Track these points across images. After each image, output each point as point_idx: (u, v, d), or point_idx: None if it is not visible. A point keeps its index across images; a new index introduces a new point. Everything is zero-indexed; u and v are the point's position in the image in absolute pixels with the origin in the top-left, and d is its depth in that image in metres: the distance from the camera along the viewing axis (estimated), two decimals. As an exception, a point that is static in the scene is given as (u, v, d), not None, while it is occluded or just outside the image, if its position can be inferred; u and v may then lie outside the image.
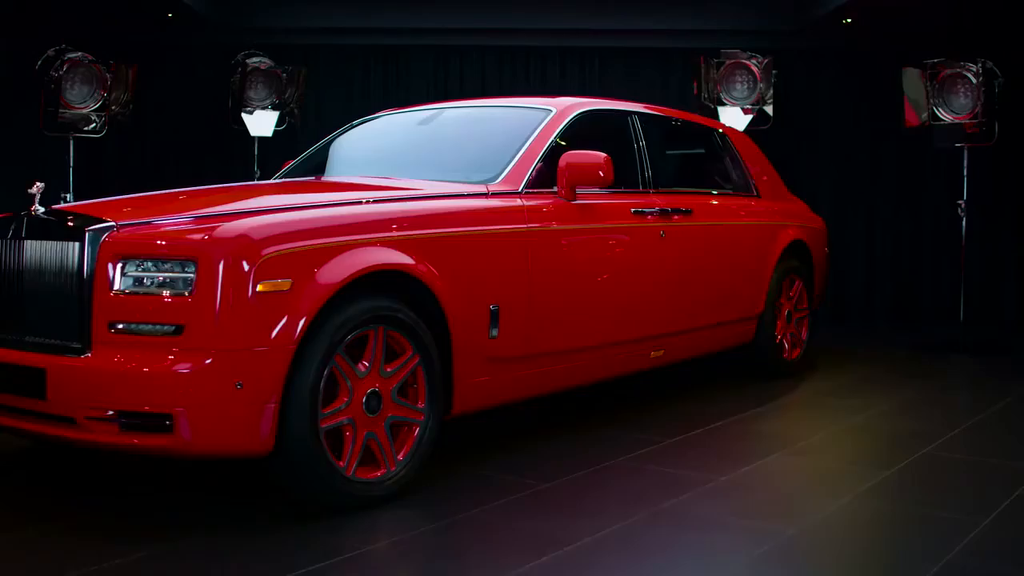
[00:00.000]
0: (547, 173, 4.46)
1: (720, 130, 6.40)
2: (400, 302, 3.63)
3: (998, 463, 4.31)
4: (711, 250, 5.58)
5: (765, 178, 6.48)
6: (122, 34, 9.19)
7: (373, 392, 3.55)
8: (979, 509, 3.60)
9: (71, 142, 7.72)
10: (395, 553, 3.20)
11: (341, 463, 3.44)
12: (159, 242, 3.30)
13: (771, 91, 8.50)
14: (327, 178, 4.83)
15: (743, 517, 3.52)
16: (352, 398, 3.48)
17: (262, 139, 8.75)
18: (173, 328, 3.19)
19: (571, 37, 9.49)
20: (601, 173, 4.38)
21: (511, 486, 3.80)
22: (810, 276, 6.63)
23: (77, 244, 3.37)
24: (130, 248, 3.31)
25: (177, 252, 3.25)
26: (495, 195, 4.23)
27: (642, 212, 4.98)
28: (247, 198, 4.03)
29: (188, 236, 3.29)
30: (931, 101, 7.68)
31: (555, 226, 4.41)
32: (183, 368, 3.15)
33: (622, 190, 4.93)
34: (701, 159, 6.16)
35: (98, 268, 3.31)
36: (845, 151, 9.47)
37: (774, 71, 8.53)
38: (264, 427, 3.24)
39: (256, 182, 4.93)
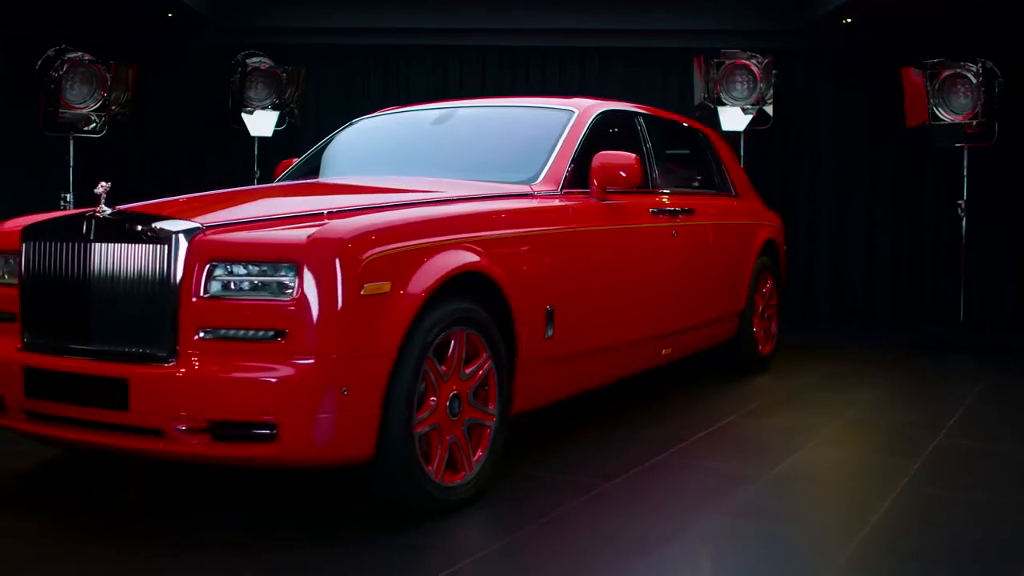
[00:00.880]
0: (577, 173, 4.50)
1: (702, 131, 6.48)
2: (476, 303, 3.61)
3: (1010, 447, 4.63)
4: (710, 249, 5.72)
5: (739, 178, 6.61)
6: (122, 34, 9.19)
7: (455, 395, 3.49)
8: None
9: (71, 142, 7.73)
10: (508, 557, 3.14)
11: (430, 468, 3.38)
12: (255, 245, 3.16)
13: (771, 91, 8.50)
14: (358, 177, 4.60)
15: (817, 512, 3.68)
16: (438, 402, 3.43)
17: (262, 139, 8.75)
18: (274, 334, 3.04)
19: (571, 37, 9.49)
20: (633, 174, 4.44)
21: (575, 486, 3.83)
22: (778, 273, 6.82)
23: (162, 247, 3.19)
24: (222, 251, 3.15)
25: (277, 255, 3.10)
26: (539, 195, 4.24)
27: (658, 212, 5.08)
28: (317, 197, 3.94)
29: (287, 238, 3.15)
30: (931, 100, 7.68)
31: (596, 226, 4.49)
32: (289, 375, 3.02)
33: (635, 190, 4.98)
34: (689, 159, 6.24)
35: (185, 272, 3.15)
36: (845, 151, 9.46)
37: (774, 71, 8.53)
38: (368, 434, 3.15)
39: (304, 182, 4.66)
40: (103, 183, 3.47)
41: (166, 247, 3.19)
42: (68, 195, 7.65)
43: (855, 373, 6.69)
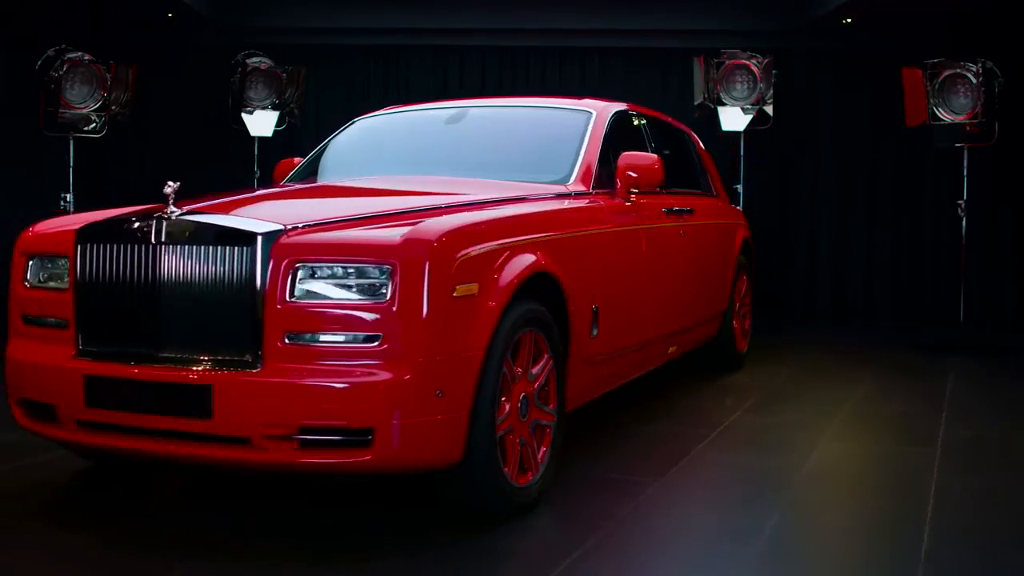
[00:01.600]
0: (602, 174, 4.51)
1: (685, 131, 6.52)
2: (542, 304, 3.60)
3: (1011, 432, 4.98)
4: (706, 248, 5.82)
5: (716, 177, 6.69)
6: (122, 34, 9.19)
7: (524, 396, 3.47)
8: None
9: (71, 142, 7.72)
10: (596, 557, 3.13)
11: (507, 469, 3.36)
12: (345, 245, 3.08)
13: (771, 91, 8.50)
14: (395, 177, 4.41)
15: (874, 499, 3.86)
16: (511, 403, 3.42)
17: (262, 139, 8.75)
18: (368, 337, 2.97)
19: (571, 37, 9.49)
20: (656, 174, 4.47)
21: (630, 484, 3.88)
22: (751, 271, 6.97)
23: (244, 249, 3.08)
24: (308, 252, 3.06)
25: (369, 256, 3.03)
26: (576, 196, 4.24)
27: (669, 212, 5.15)
28: (376, 198, 3.87)
29: (380, 239, 3.07)
30: (931, 100, 7.68)
31: (627, 227, 4.56)
32: (386, 379, 2.95)
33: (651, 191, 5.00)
34: (677, 160, 6.28)
35: (270, 275, 3.05)
36: (845, 151, 9.46)
37: (774, 71, 8.53)
38: (458, 437, 3.11)
39: (350, 183, 4.45)
40: (171, 183, 3.31)
41: (249, 249, 3.08)
42: (68, 195, 7.64)
43: (813, 368, 6.91)
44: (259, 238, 3.08)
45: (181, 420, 3.08)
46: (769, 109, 8.51)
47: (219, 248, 3.12)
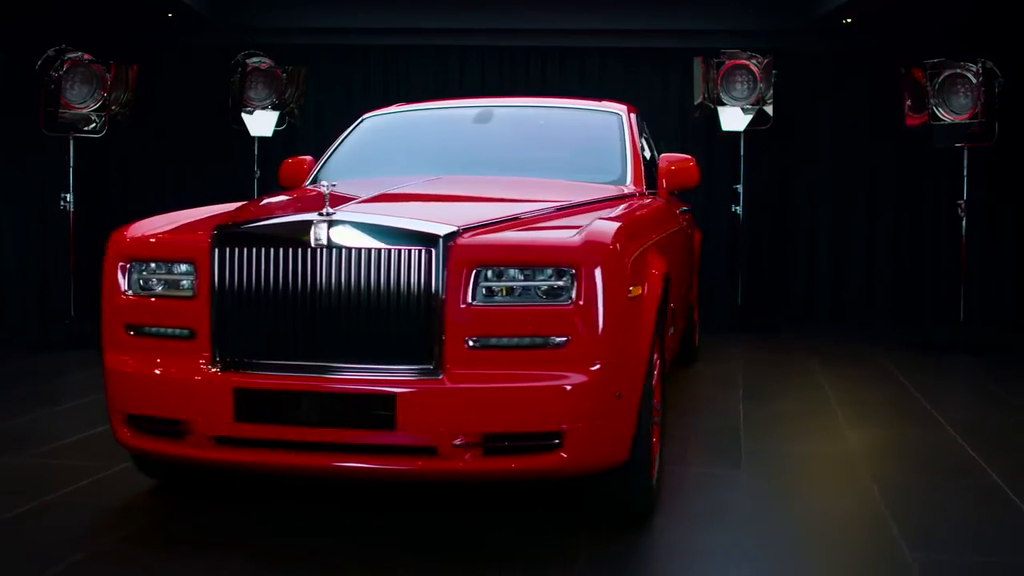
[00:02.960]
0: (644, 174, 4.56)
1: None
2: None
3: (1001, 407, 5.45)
4: (691, 244, 5.99)
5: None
6: (122, 34, 9.19)
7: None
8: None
9: (71, 142, 7.72)
10: (752, 547, 3.29)
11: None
12: (527, 247, 3.02)
13: (771, 91, 8.49)
14: (449, 177, 4.21)
15: (955, 485, 4.05)
16: (656, 400, 3.45)
17: (262, 139, 8.75)
18: (553, 340, 2.94)
19: (571, 37, 9.49)
20: (694, 175, 4.53)
21: (717, 478, 4.04)
22: (697, 266, 7.05)
23: (423, 252, 2.96)
24: (489, 255, 2.98)
25: (552, 258, 2.98)
26: (640, 196, 4.24)
27: (680, 211, 5.30)
28: (504, 200, 3.77)
29: (560, 241, 3.04)
30: (931, 100, 7.67)
31: (677, 227, 4.75)
32: (575, 381, 2.91)
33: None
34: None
35: (451, 278, 2.95)
36: (845, 151, 9.46)
37: (774, 71, 8.53)
38: (627, 437, 3.11)
39: (424, 182, 4.11)
40: (325, 182, 3.14)
41: (428, 252, 2.96)
42: (68, 195, 7.63)
43: (761, 360, 7.12)
44: (440, 240, 2.96)
45: (360, 432, 2.95)
46: (769, 109, 8.51)
47: (392, 250, 2.98)
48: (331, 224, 3.02)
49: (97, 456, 4.23)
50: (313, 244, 3.02)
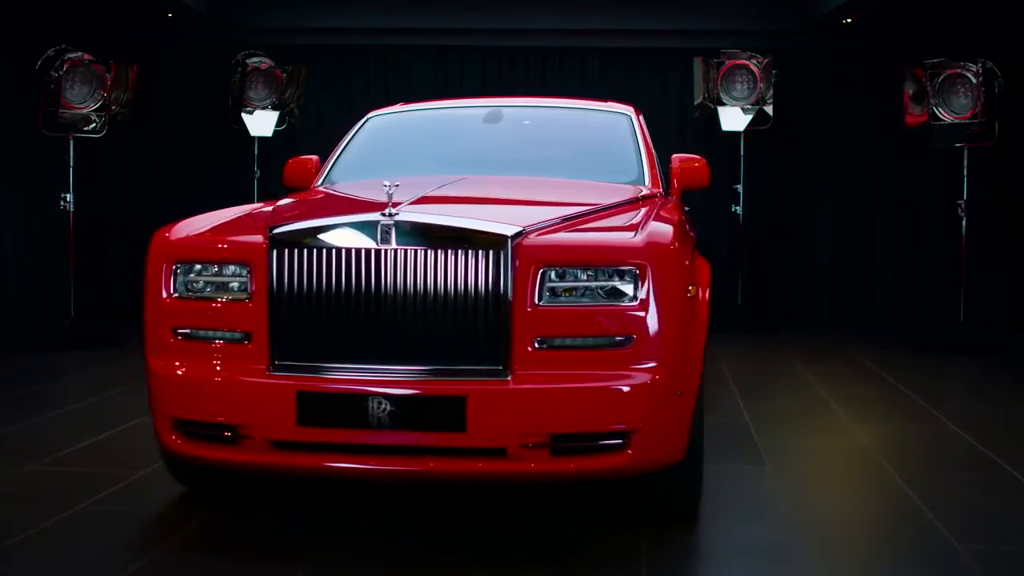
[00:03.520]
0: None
1: None
2: None
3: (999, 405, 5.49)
4: None
5: None
6: (122, 34, 9.19)
7: None
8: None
9: (71, 142, 7.72)
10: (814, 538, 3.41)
11: None
12: (592, 248, 3.03)
13: (771, 91, 8.50)
14: (473, 177, 4.13)
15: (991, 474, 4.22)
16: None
17: (262, 139, 8.75)
18: (619, 340, 2.95)
19: (571, 37, 9.49)
20: (706, 175, 4.50)
21: (744, 473, 4.12)
22: None
23: (490, 252, 2.94)
24: (555, 255, 2.98)
25: (617, 258, 2.98)
26: (660, 196, 4.22)
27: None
28: (544, 201, 3.74)
29: (624, 241, 3.05)
30: (931, 100, 7.67)
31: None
32: (643, 381, 2.93)
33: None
34: None
35: (518, 278, 2.95)
36: (845, 151, 9.46)
37: (774, 71, 8.53)
38: (685, 435, 3.13)
39: (449, 182, 3.93)
40: (387, 181, 3.11)
41: (496, 252, 2.95)
42: (68, 195, 7.63)
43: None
44: (508, 241, 2.95)
45: (430, 435, 2.92)
46: (769, 109, 8.51)
47: (459, 252, 2.96)
48: (396, 225, 2.98)
49: (113, 462, 4.19)
50: (378, 245, 2.99)
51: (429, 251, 2.97)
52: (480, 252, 2.95)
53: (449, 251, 2.96)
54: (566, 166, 4.41)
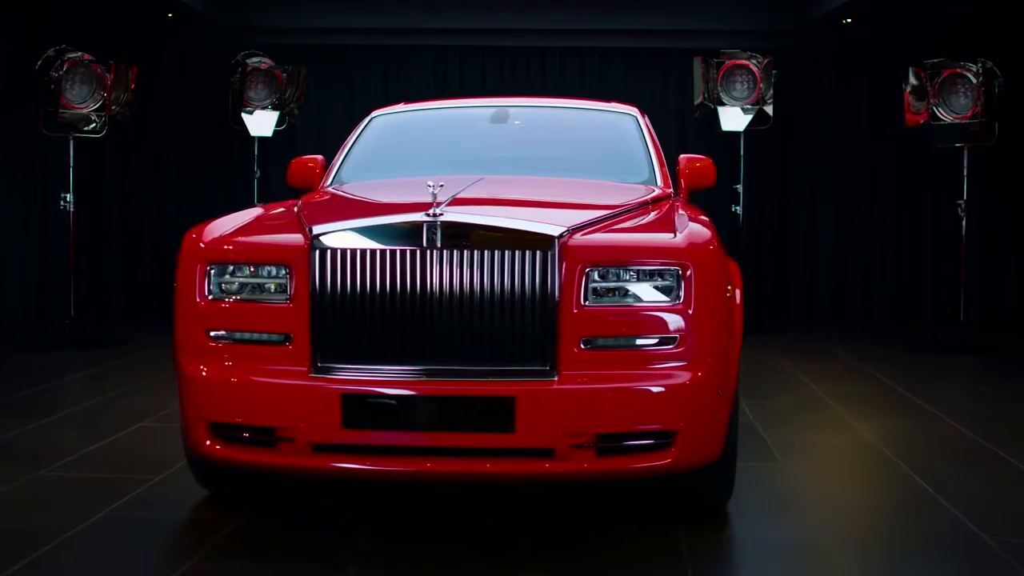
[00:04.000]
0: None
1: None
2: None
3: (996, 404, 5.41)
4: None
5: None
6: (122, 34, 9.19)
7: None
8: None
9: (71, 142, 7.71)
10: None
11: None
12: (634, 248, 3.05)
13: (771, 91, 8.49)
14: (489, 177, 4.01)
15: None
16: None
17: (262, 139, 8.75)
18: (664, 339, 2.97)
19: (571, 37, 9.49)
20: (712, 175, 4.49)
21: (762, 469, 4.16)
22: None
23: (538, 253, 2.94)
24: (599, 256, 3.00)
25: (660, 258, 3.00)
26: (672, 197, 4.21)
27: None
28: (572, 203, 3.71)
29: (665, 242, 3.06)
30: (931, 100, 7.67)
31: None
32: (688, 380, 2.95)
33: None
34: None
35: (565, 279, 2.95)
36: (845, 151, 9.46)
37: (774, 71, 8.53)
38: (723, 434, 3.14)
39: (473, 182, 3.78)
40: (431, 180, 3.08)
41: (543, 253, 2.95)
42: (68, 195, 7.63)
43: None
44: (555, 241, 2.95)
45: (479, 436, 2.91)
46: (769, 109, 8.51)
47: (506, 251, 2.95)
48: (442, 225, 2.97)
49: (125, 467, 4.15)
50: (425, 245, 2.96)
51: (475, 252, 2.96)
52: (527, 253, 2.95)
53: (496, 251, 2.96)
54: (577, 166, 4.41)
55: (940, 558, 3.19)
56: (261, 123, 8.64)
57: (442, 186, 3.07)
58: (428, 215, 2.97)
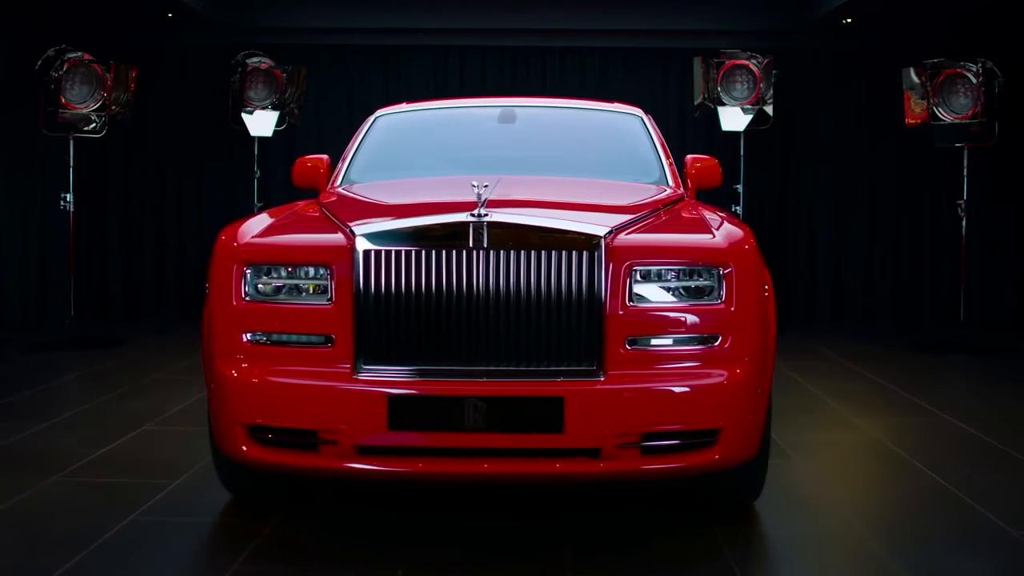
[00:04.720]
0: None
1: None
2: None
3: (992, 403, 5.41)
4: None
5: None
6: (122, 34, 9.19)
7: None
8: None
9: (71, 142, 7.71)
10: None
11: None
12: (676, 248, 3.08)
13: (771, 91, 8.49)
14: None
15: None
16: None
17: (262, 139, 8.74)
18: (706, 338, 3.01)
19: (571, 37, 9.49)
20: (719, 175, 4.50)
21: (776, 467, 4.06)
22: None
23: (584, 253, 2.95)
24: (643, 255, 3.03)
25: (703, 259, 3.04)
26: (684, 197, 4.22)
27: None
28: (600, 204, 3.73)
29: (705, 242, 3.11)
30: (931, 100, 7.67)
31: None
32: (729, 379, 2.99)
33: None
34: None
35: (611, 279, 2.98)
36: (845, 151, 9.46)
37: (774, 71, 8.52)
38: (760, 431, 3.18)
39: (497, 182, 3.69)
40: (475, 181, 3.06)
41: (589, 253, 2.96)
42: (68, 195, 7.63)
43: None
44: (602, 242, 2.97)
45: (527, 436, 2.92)
46: (769, 109, 8.51)
47: (552, 251, 2.96)
48: (488, 225, 2.96)
49: (138, 471, 4.11)
50: (471, 245, 2.97)
51: (522, 252, 2.97)
52: (573, 253, 2.96)
53: (542, 252, 2.96)
54: (587, 166, 4.40)
55: (975, 552, 3.23)
56: (261, 123, 8.64)
57: (486, 186, 3.07)
58: (473, 215, 2.97)
